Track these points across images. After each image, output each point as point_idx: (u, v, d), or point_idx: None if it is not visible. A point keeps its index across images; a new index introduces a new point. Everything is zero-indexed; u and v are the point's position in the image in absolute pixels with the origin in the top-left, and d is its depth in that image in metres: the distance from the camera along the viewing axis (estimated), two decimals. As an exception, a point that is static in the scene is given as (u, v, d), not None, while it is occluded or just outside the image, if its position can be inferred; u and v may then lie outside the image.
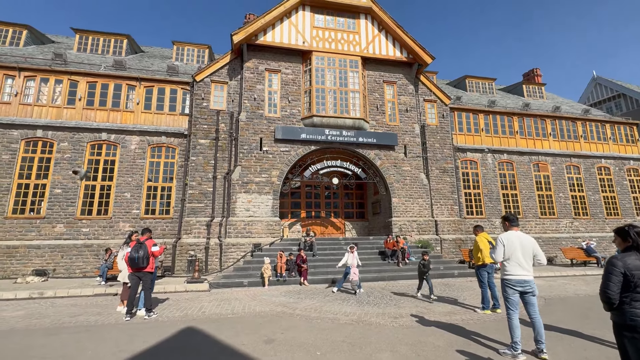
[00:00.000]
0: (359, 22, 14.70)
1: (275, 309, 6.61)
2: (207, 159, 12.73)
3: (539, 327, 4.03)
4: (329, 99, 13.56)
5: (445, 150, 15.16)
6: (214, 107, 13.26)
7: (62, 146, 12.27)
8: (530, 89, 21.92)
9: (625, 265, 2.30)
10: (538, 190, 16.65)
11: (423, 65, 15.14)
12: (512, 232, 4.31)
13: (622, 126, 19.20)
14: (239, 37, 12.80)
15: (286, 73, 13.83)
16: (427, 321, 5.66)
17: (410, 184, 14.14)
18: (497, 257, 4.29)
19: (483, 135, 16.73)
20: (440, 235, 13.87)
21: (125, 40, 16.65)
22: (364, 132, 13.76)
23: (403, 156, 14.35)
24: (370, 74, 14.83)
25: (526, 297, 4.16)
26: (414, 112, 14.97)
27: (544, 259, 4.22)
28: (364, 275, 10.55)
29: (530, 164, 16.88)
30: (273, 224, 12.36)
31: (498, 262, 4.41)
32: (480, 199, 15.78)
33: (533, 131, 17.58)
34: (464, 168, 15.92)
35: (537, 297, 4.24)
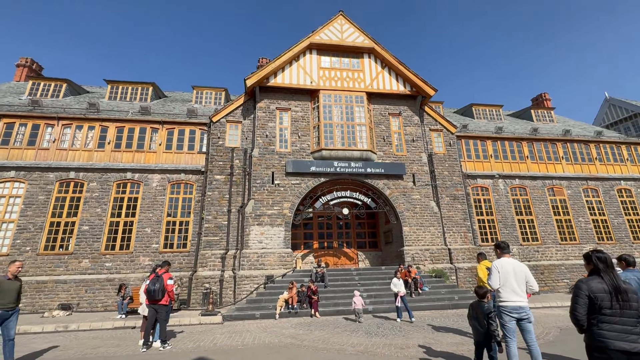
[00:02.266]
0: (362, 61, 15.72)
1: (284, 341, 6.74)
2: (222, 194, 13.41)
3: (537, 356, 4.04)
4: (336, 133, 14.24)
5: (455, 177, 15.29)
6: (229, 145, 14.17)
7: (91, 186, 13.31)
8: (539, 114, 22.04)
9: (589, 288, 2.49)
10: (555, 215, 16.24)
11: (427, 97, 15.77)
12: (505, 258, 4.44)
13: (638, 147, 18.78)
14: (252, 81, 13.95)
15: (296, 111, 14.75)
16: (433, 352, 5.65)
17: (420, 212, 14.21)
18: (494, 284, 4.39)
19: (492, 162, 16.80)
20: (455, 264, 13.63)
21: (151, 88, 18.33)
22: (371, 163, 14.20)
23: (412, 185, 14.57)
24: (376, 107, 15.56)
25: (522, 324, 4.20)
26: (421, 141, 15.39)
27: (536, 286, 4.30)
28: (376, 306, 10.49)
29: (544, 188, 16.64)
30: (285, 256, 12.60)
31: (494, 288, 4.51)
32: (494, 225, 15.53)
33: (544, 155, 17.50)
34: (475, 195, 15.88)
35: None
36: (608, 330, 2.39)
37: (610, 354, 2.34)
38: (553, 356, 5.17)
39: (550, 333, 6.87)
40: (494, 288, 4.50)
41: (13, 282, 5.29)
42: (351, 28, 15.77)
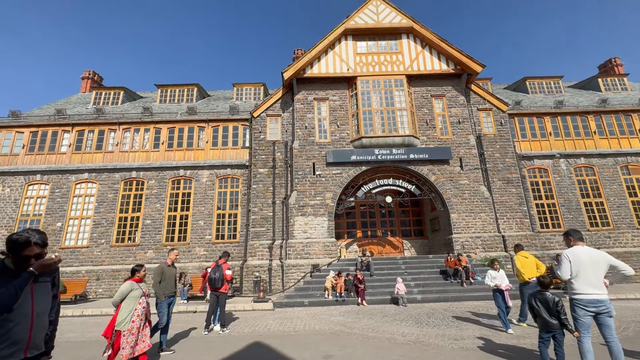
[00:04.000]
0: (401, 42, 15.02)
1: (333, 328, 6.87)
2: (267, 186, 13.87)
3: (618, 353, 3.63)
4: (376, 120, 13.89)
5: (508, 159, 14.16)
6: (270, 139, 14.54)
7: (150, 184, 14.57)
8: (609, 82, 19.40)
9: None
10: (631, 197, 14.36)
11: (473, 74, 14.68)
12: (578, 247, 4.02)
13: None
14: (289, 73, 14.06)
15: (333, 100, 14.63)
16: (492, 344, 5.38)
17: (469, 198, 13.44)
18: (564, 275, 4.00)
19: (552, 140, 15.24)
20: (510, 252, 12.73)
21: (195, 89, 19.36)
22: (414, 149, 13.67)
23: (459, 169, 13.79)
24: (417, 90, 14.85)
25: (601, 318, 3.79)
26: (467, 123, 14.43)
27: (629, 269, 3.83)
28: (425, 295, 10.24)
29: (617, 166, 14.76)
30: (330, 245, 12.76)
31: (564, 279, 4.12)
32: (556, 209, 14.18)
33: (616, 129, 15.45)
34: (532, 177, 14.59)
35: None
36: None
37: None
38: (634, 353, 4.64)
39: (630, 328, 6.17)
40: (564, 279, 4.11)
41: (172, 268, 5.87)
42: (387, 8, 15.09)
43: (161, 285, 5.58)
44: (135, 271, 4.77)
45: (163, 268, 5.72)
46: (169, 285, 5.64)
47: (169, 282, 5.65)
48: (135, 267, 4.80)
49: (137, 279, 4.72)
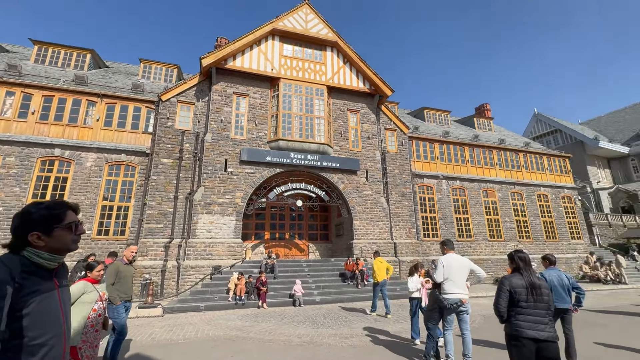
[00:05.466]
0: (325, 54, 15.67)
1: (229, 333, 6.58)
2: (169, 179, 12.53)
3: (468, 343, 4.48)
4: (295, 124, 14.09)
5: (404, 175, 16.14)
6: (179, 127, 13.23)
7: (7, 161, 11.51)
8: (481, 122, 24.15)
9: (511, 284, 2.81)
10: (487, 215, 18.07)
11: (384, 96, 16.31)
12: (451, 254, 4.81)
13: (557, 158, 21.63)
14: (208, 60, 13.12)
15: (254, 97, 14.26)
16: (377, 340, 5.96)
17: (371, 207, 14.79)
18: (438, 278, 4.74)
19: (438, 163, 18.06)
20: (399, 257, 14.48)
21: (89, 55, 16.29)
22: (328, 157, 14.35)
23: (365, 180, 15.07)
24: (335, 102, 15.69)
25: (461, 314, 4.62)
26: (376, 139, 15.93)
27: (483, 273, 4.75)
28: (323, 296, 10.75)
29: (479, 190, 18.38)
30: (235, 246, 12.26)
31: (438, 281, 4.87)
32: (435, 222, 16.79)
33: (482, 160, 19.28)
34: (421, 193, 16.98)
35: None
36: (523, 321, 2.72)
37: (522, 341, 2.67)
38: (479, 341, 5.78)
39: (476, 320, 7.68)
40: (437, 281, 4.86)
41: (129, 267, 4.77)
42: (316, 19, 15.59)
43: (115, 286, 4.55)
44: (91, 268, 3.49)
45: (118, 267, 4.61)
46: (125, 286, 4.63)
47: (125, 283, 4.64)
48: (91, 263, 3.54)
49: (92, 279, 3.45)
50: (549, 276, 4.82)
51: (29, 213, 1.30)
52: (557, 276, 4.82)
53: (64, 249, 1.36)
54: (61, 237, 1.33)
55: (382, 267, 8.86)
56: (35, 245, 1.27)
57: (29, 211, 1.31)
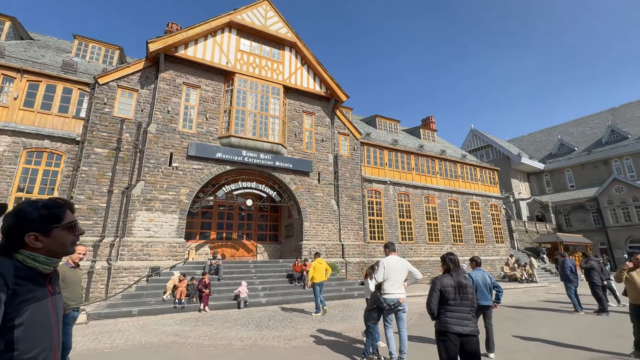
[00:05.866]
0: (283, 53, 15.56)
1: (165, 339, 6.15)
2: (103, 171, 11.34)
3: (404, 340, 4.77)
4: (248, 121, 13.73)
5: (355, 179, 16.68)
6: (119, 115, 12.06)
7: None
8: (426, 133, 25.99)
9: (441, 284, 3.07)
10: (427, 220, 19.47)
11: (339, 101, 16.71)
12: (391, 256, 5.08)
13: (488, 170, 24.17)
14: (156, 45, 12.19)
15: (206, 90, 13.59)
16: (320, 340, 6.04)
17: (321, 209, 15.00)
18: (379, 278, 4.97)
19: (387, 169, 19.01)
20: (346, 258, 14.89)
21: (8, 23, 14.08)
22: (281, 157, 14.23)
23: (317, 182, 15.24)
24: (291, 102, 15.65)
25: (398, 313, 4.89)
26: (329, 142, 16.22)
27: (419, 274, 5.07)
28: (270, 298, 10.60)
29: (422, 196, 19.74)
30: (177, 246, 11.52)
31: (379, 281, 5.10)
32: (382, 225, 17.62)
33: (425, 169, 20.75)
34: (370, 197, 17.69)
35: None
36: (450, 317, 2.99)
37: (449, 336, 2.94)
38: (414, 337, 6.17)
39: (413, 318, 8.21)
40: (378, 281, 5.10)
41: (76, 271, 4.00)
42: (276, 17, 15.42)
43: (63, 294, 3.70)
44: None
45: (64, 271, 3.79)
46: (73, 294, 3.88)
47: (73, 290, 3.88)
48: None
49: None
50: (475, 276, 5.34)
51: (25, 212, 1.18)
52: (482, 276, 5.37)
53: (62, 251, 1.23)
54: (61, 238, 1.22)
55: (321, 268, 8.96)
56: (32, 248, 1.15)
57: (25, 210, 1.18)
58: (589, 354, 5.18)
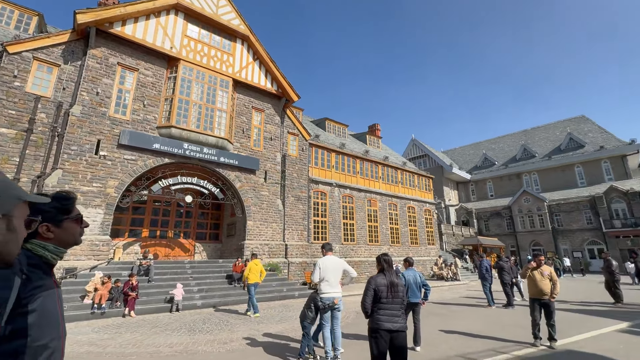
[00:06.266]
0: (234, 46, 14.99)
1: (78, 350, 5.44)
2: (8, 155, 9.65)
3: (338, 337, 4.91)
4: (192, 113, 12.91)
5: (302, 180, 16.75)
6: (32, 91, 10.39)
7: None
8: (372, 139, 27.25)
9: (375, 283, 3.23)
10: (369, 222, 20.40)
11: (290, 100, 16.64)
12: (328, 256, 5.19)
13: (424, 178, 26.23)
14: (86, 17, 10.80)
15: (145, 74, 12.44)
16: (255, 343, 5.91)
17: (267, 209, 14.75)
18: (315, 278, 5.05)
19: (333, 171, 19.46)
20: (289, 258, 14.86)
21: None
22: (226, 153, 13.66)
23: (263, 181, 14.95)
24: (241, 97, 15.14)
25: (333, 312, 5.01)
26: (278, 141, 16.05)
27: (354, 272, 5.25)
28: (206, 300, 10.08)
29: (365, 199, 20.63)
30: (100, 244, 10.31)
31: (315, 282, 5.18)
32: (325, 226, 17.97)
33: (369, 173, 21.73)
34: (316, 198, 17.93)
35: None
36: (382, 315, 3.16)
37: (380, 332, 3.10)
38: (350, 335, 6.39)
39: (350, 317, 8.50)
40: (314, 282, 5.18)
41: None
42: (229, 6, 14.79)
43: None
44: None
45: None
46: None
47: None
48: None
49: None
50: (407, 276, 5.74)
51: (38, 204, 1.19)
52: (413, 276, 5.79)
53: (72, 241, 1.30)
54: (71, 229, 1.28)
55: (256, 270, 8.74)
56: (44, 238, 1.20)
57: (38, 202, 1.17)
58: (496, 343, 5.91)
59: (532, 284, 6.01)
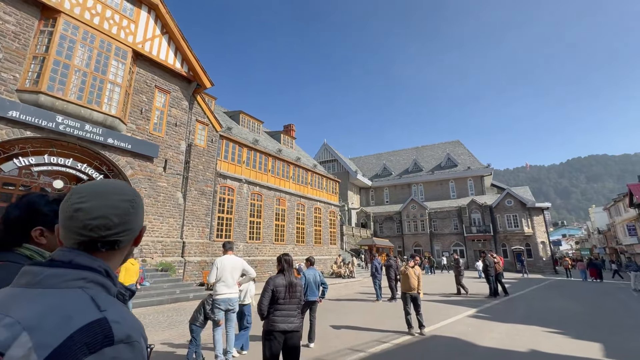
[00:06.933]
0: (138, 12, 13.00)
1: None
2: None
3: (231, 340, 4.69)
4: (73, 80, 10.61)
5: (208, 173, 15.61)
6: None
7: None
8: (286, 139, 27.42)
9: (274, 284, 3.18)
10: (276, 221, 20.40)
11: (202, 86, 15.35)
12: (227, 256, 4.92)
13: (331, 181, 27.75)
14: None
15: (6, 20, 9.64)
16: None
17: (163, 202, 13.22)
18: (211, 279, 4.72)
19: (244, 167, 18.79)
20: (186, 257, 13.64)
21: None
22: (117, 134, 11.69)
23: (162, 171, 13.35)
24: (142, 72, 13.21)
25: (227, 314, 4.76)
26: (184, 128, 14.60)
27: (253, 272, 5.08)
28: (72, 308, 8.36)
29: (274, 198, 20.56)
30: None
31: (211, 282, 4.85)
32: (231, 223, 17.17)
33: (281, 172, 21.78)
34: (222, 194, 16.97)
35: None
36: (278, 316, 3.14)
37: (274, 334, 3.07)
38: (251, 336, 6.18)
39: (248, 317, 8.27)
40: (210, 282, 4.84)
41: None
42: (134, -35, 12.75)
43: None
44: None
45: None
46: None
47: None
48: None
49: None
50: (308, 275, 5.90)
51: (36, 204, 1.15)
52: (313, 274, 5.98)
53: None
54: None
55: (133, 270, 7.87)
56: (36, 243, 1.12)
57: (35, 202, 1.15)
58: (381, 334, 6.60)
59: (405, 280, 6.94)
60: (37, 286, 0.65)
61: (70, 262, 0.68)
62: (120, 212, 0.73)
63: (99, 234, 0.71)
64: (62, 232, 0.72)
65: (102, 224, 0.71)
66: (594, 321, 8.34)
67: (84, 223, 0.69)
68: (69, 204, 0.71)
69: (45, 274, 0.66)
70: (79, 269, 0.68)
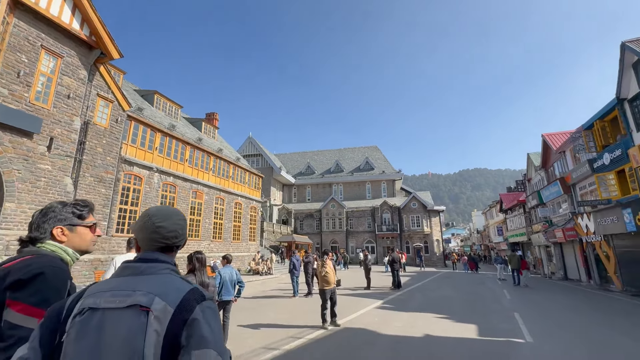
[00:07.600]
0: (22, -50, 10.38)
1: None
2: None
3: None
4: None
5: (109, 158, 13.49)
6: None
7: None
8: (208, 128, 25.61)
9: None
10: (191, 215, 18.87)
11: (108, 56, 13.11)
12: (129, 254, 4.30)
13: (255, 176, 27.04)
14: None
15: None
16: None
17: (45, 188, 10.88)
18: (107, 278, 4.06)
19: (156, 154, 16.83)
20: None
21: None
22: (-22, 98, 9.13)
23: (45, 150, 10.97)
24: (24, 27, 10.59)
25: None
26: (80, 102, 12.27)
27: None
28: None
29: (190, 190, 18.99)
30: None
31: None
32: (136, 216, 15.19)
33: (200, 163, 20.23)
34: (127, 182, 14.89)
35: None
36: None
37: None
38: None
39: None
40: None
41: None
42: None
43: None
44: None
45: None
46: None
47: None
48: None
49: None
50: (224, 273, 5.58)
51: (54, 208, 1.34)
52: (230, 273, 5.69)
53: (85, 246, 1.41)
54: (84, 234, 1.38)
55: None
56: (59, 240, 1.30)
57: (54, 206, 1.34)
58: (296, 330, 6.66)
59: (325, 278, 7.20)
60: (144, 274, 0.95)
61: (156, 259, 1.01)
62: (181, 227, 1.11)
63: (172, 241, 1.07)
64: (144, 242, 1.05)
65: (174, 235, 1.07)
66: (471, 306, 10.01)
67: (163, 235, 1.04)
68: (152, 223, 1.04)
69: (145, 266, 0.98)
70: (163, 262, 1.01)
